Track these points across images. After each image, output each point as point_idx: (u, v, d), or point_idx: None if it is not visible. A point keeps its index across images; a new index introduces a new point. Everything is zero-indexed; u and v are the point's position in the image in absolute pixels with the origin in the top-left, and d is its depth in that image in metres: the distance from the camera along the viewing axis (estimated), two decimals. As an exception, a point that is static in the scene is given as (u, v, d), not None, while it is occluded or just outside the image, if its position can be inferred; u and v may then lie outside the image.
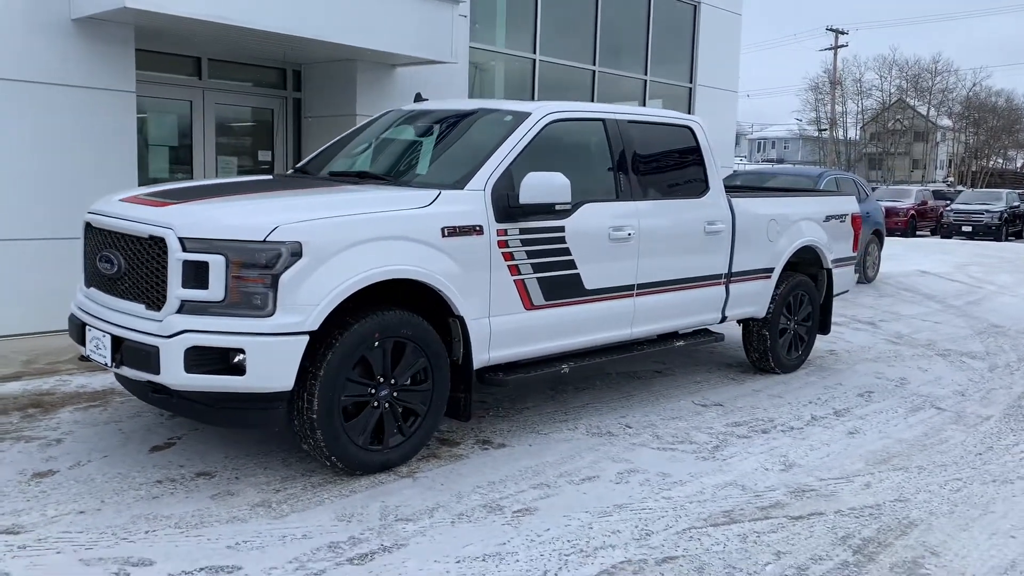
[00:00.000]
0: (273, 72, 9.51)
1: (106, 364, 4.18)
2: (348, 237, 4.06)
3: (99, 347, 4.22)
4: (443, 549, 3.50)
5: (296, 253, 3.89)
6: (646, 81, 15.71)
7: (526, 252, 4.79)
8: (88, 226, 4.52)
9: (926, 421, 5.78)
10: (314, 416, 4.01)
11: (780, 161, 73.81)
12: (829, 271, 7.23)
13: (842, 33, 52.14)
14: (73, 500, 3.84)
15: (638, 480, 4.40)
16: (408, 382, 4.40)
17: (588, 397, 5.96)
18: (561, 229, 4.97)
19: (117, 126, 7.30)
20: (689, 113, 16.76)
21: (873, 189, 37.81)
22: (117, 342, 4.10)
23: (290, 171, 5.86)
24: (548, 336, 5.01)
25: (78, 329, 4.44)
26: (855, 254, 7.67)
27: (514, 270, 4.75)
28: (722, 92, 17.18)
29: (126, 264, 4.17)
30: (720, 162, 6.23)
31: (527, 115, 5.07)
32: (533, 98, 13.54)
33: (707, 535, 3.76)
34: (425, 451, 4.68)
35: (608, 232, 5.23)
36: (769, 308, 6.69)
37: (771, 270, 6.60)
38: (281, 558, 3.36)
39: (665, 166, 5.84)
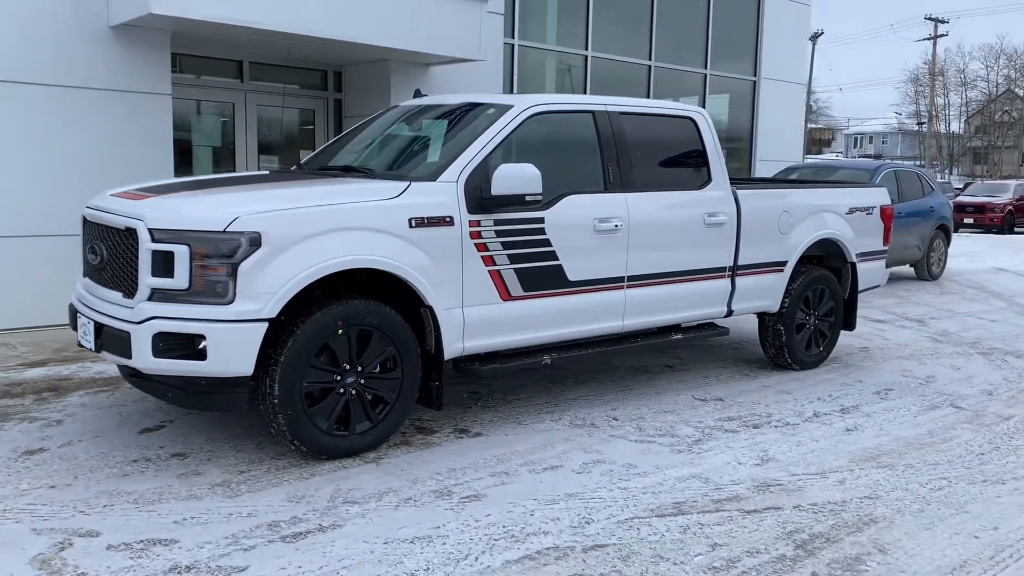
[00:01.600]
0: (315, 74, 9.79)
1: (91, 349, 4.43)
2: (308, 228, 4.19)
3: (86, 333, 4.47)
4: (377, 531, 3.59)
5: (255, 243, 4.04)
6: (706, 75, 15.48)
7: (501, 243, 4.83)
8: (84, 219, 4.79)
9: (937, 420, 5.56)
10: (275, 401, 4.16)
11: (878, 156, 71.23)
12: (853, 265, 7.01)
13: (942, 22, 50.02)
14: (49, 476, 4.09)
15: (600, 471, 4.39)
16: (377, 370, 4.50)
17: (585, 390, 5.95)
18: (540, 221, 4.99)
19: (154, 127, 7.66)
20: (753, 107, 16.50)
21: (966, 184, 36.09)
22: (99, 328, 4.33)
23: (293, 167, 6.05)
24: (528, 327, 5.03)
25: (73, 317, 4.71)
26: (885, 247, 7.41)
27: (488, 261, 4.80)
28: (788, 85, 16.77)
29: (108, 254, 4.42)
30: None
31: (508, 108, 5.11)
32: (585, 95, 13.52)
33: (648, 525, 3.74)
34: (399, 438, 4.78)
35: (593, 224, 5.22)
36: (784, 303, 6.54)
37: (783, 263, 6.44)
38: (219, 534, 3.51)
39: (661, 158, 5.78)
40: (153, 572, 3.18)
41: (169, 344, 4.05)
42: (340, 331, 4.31)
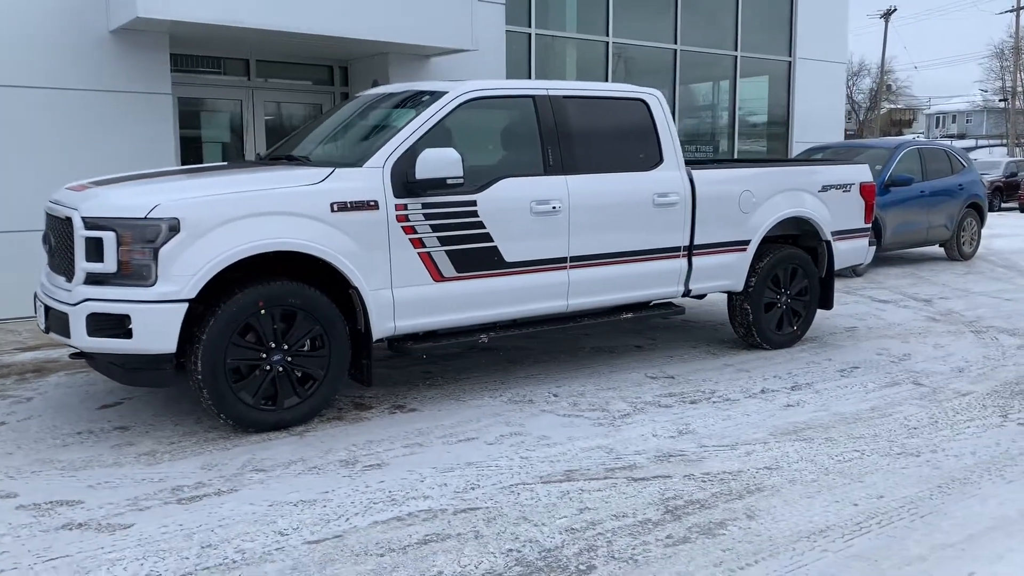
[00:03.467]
0: (322, 69, 10.12)
1: (43, 330, 4.80)
2: (226, 213, 4.45)
3: (39, 316, 4.84)
4: (269, 495, 3.83)
5: (174, 228, 4.32)
6: (736, 57, 15.31)
7: (430, 226, 5.01)
8: (45, 212, 5.16)
9: (888, 396, 5.52)
10: (199, 377, 4.44)
11: (961, 136, 68.49)
12: (828, 244, 6.95)
13: (1024, -7, 47.69)
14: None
15: (512, 442, 4.55)
16: (305, 348, 4.74)
17: (539, 369, 6.09)
18: (472, 204, 5.15)
19: (155, 126, 8.09)
20: (789, 89, 16.21)
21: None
22: (47, 311, 4.70)
23: (254, 157, 6.34)
24: (463, 307, 5.20)
25: (35, 302, 5.09)
26: (867, 225, 7.31)
27: (417, 243, 4.99)
28: (827, 64, 16.43)
29: (55, 243, 4.77)
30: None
31: (442, 94, 5.28)
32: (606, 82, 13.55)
33: (530, 491, 3.88)
34: (334, 413, 5.02)
35: (530, 206, 5.35)
36: (750, 282, 6.54)
37: (746, 243, 6.45)
38: (122, 496, 3.80)
39: (607, 140, 5.86)
40: (47, 528, 3.48)
41: (100, 324, 4.37)
42: (263, 311, 4.56)
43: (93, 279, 4.41)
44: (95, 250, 4.39)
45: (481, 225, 5.19)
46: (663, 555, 3.28)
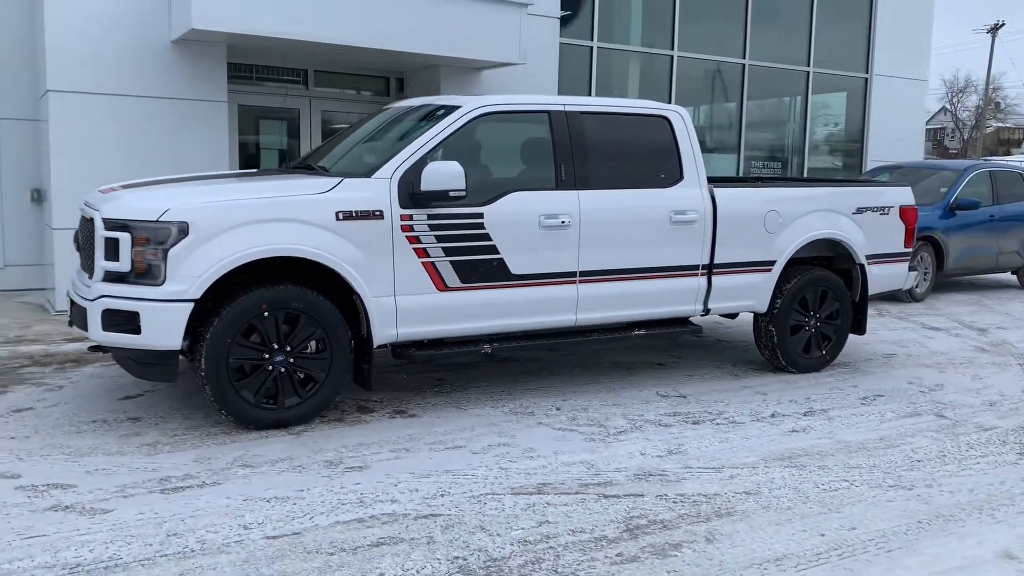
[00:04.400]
0: (379, 81, 10.39)
1: (68, 323, 5.11)
2: (234, 218, 4.66)
3: (68, 310, 5.15)
4: (246, 490, 3.99)
5: (184, 231, 4.56)
6: (808, 73, 15.02)
7: (435, 237, 5.13)
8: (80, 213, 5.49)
9: (904, 427, 5.37)
10: (203, 373, 4.66)
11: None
12: (862, 267, 6.78)
13: None
14: (17, 430, 4.77)
15: (497, 452, 4.61)
16: (308, 350, 4.92)
17: (551, 381, 6.14)
18: (479, 216, 5.25)
19: (212, 132, 8.47)
20: (864, 106, 15.80)
21: None
22: (72, 305, 5.00)
23: (281, 166, 6.57)
24: (467, 317, 5.30)
25: (68, 297, 5.42)
26: (907, 250, 7.09)
27: (421, 253, 5.11)
28: (906, 82, 15.96)
29: (83, 242, 5.08)
30: (699, 154, 5.99)
31: (455, 108, 5.40)
32: (670, 98, 13.51)
33: (497, 501, 3.94)
34: (336, 414, 5.18)
35: (539, 220, 5.41)
36: (775, 303, 6.44)
37: (771, 263, 6.35)
38: (114, 483, 4.02)
39: (625, 156, 5.87)
40: (36, 508, 3.72)
41: (114, 319, 4.63)
42: (266, 313, 4.75)
43: (110, 277, 4.68)
44: (112, 250, 4.66)
45: (487, 237, 5.27)
46: (606, 572, 3.29)
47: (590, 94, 12.63)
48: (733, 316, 6.97)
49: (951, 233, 10.39)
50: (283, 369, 4.86)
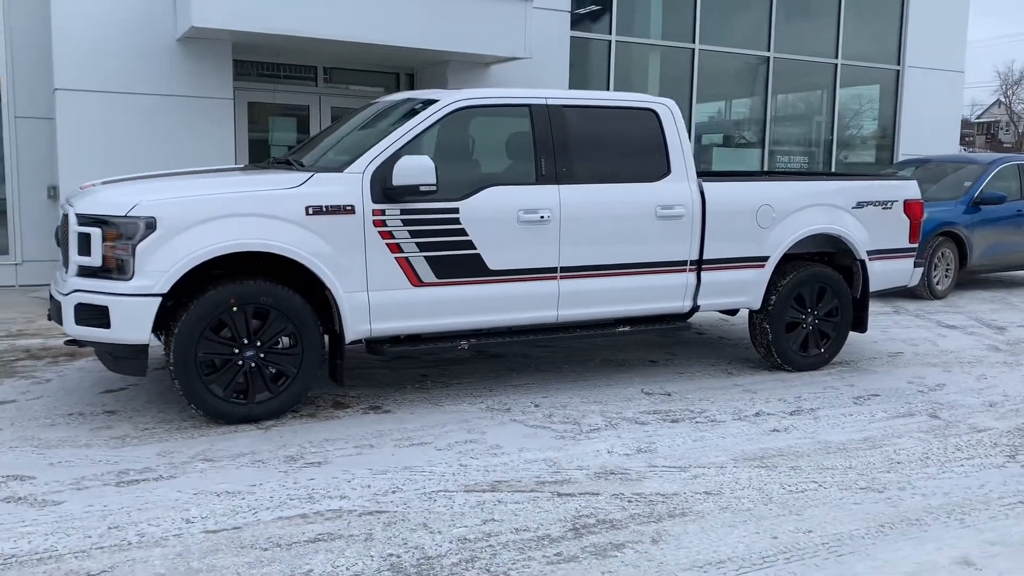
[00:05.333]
0: (389, 76, 10.41)
1: (47, 318, 5.18)
2: (202, 213, 4.68)
3: (48, 306, 5.23)
4: (200, 484, 4.00)
5: (151, 226, 4.59)
6: (836, 65, 14.72)
7: (409, 232, 5.10)
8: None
9: (893, 427, 5.21)
10: (172, 368, 4.69)
11: None
12: (862, 263, 6.60)
13: None
14: (-6, 422, 4.85)
15: (460, 450, 4.57)
16: (280, 346, 4.93)
17: (536, 378, 6.08)
18: (455, 211, 5.21)
19: (216, 129, 8.56)
20: (896, 99, 15.41)
21: None
22: (51, 300, 5.07)
23: (266, 161, 6.60)
24: (443, 313, 5.26)
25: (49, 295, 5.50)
26: (912, 245, 6.89)
27: (395, 248, 5.08)
28: (941, 73, 15.56)
29: (60, 237, 5.14)
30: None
31: (433, 102, 5.36)
32: (691, 91, 13.34)
33: (448, 498, 3.90)
34: (311, 409, 5.18)
35: (517, 214, 5.35)
36: (769, 300, 6.30)
37: (764, 259, 6.21)
38: (72, 475, 4.07)
39: (609, 150, 5.78)
40: (-10, 499, 3.78)
41: (85, 314, 4.68)
42: (235, 308, 4.77)
43: (83, 272, 4.74)
44: (85, 245, 4.71)
45: (463, 232, 5.23)
46: (539, 572, 3.23)
47: (608, 88, 12.52)
48: (733, 313, 6.83)
49: (975, 228, 10.08)
50: (253, 364, 4.87)
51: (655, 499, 3.97)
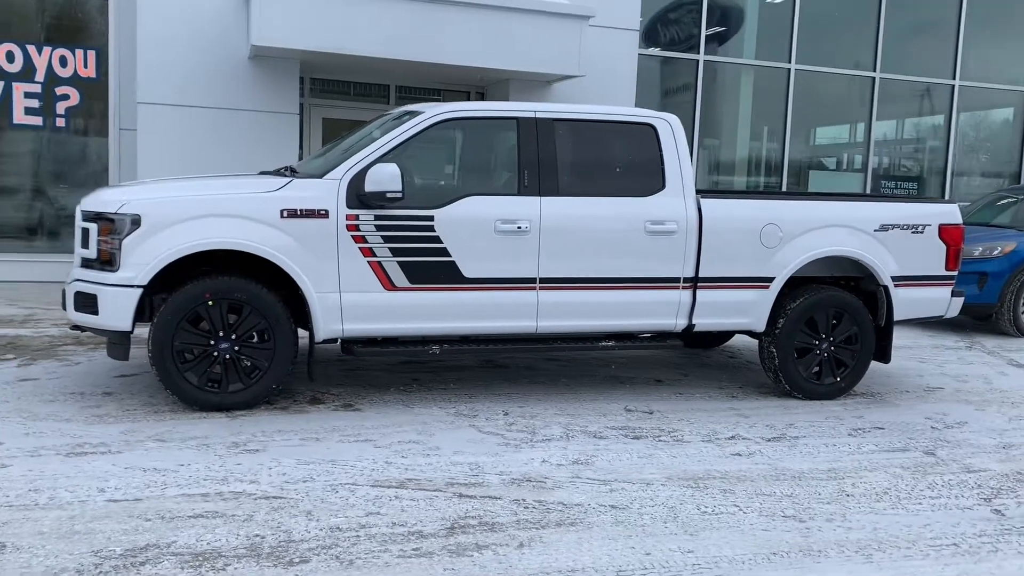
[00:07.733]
0: (460, 95, 10.70)
1: (63, 307, 5.71)
2: (183, 212, 5.05)
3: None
4: (137, 460, 4.31)
5: (136, 223, 5.00)
6: (954, 87, 13.90)
7: (382, 237, 5.30)
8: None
9: (872, 461, 4.93)
10: (150, 355, 5.07)
11: None
12: (886, 289, 6.25)
13: None
14: (2, 398, 5.37)
15: (397, 448, 4.68)
16: (254, 340, 5.22)
17: (526, 389, 6.10)
18: (430, 219, 5.36)
19: (281, 143, 9.09)
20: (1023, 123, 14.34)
21: None
22: (63, 290, 5.60)
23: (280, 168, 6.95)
24: (416, 317, 5.41)
25: (68, 284, 6.04)
26: (950, 272, 6.45)
27: (368, 252, 5.29)
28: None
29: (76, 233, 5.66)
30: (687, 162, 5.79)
31: (417, 114, 5.55)
32: (785, 114, 12.98)
33: (350, 491, 4.03)
34: (286, 402, 5.45)
35: (494, 224, 5.45)
36: (776, 323, 6.08)
37: (769, 279, 6.00)
38: (34, 444, 4.47)
39: (598, 164, 5.78)
40: (-49, 459, 4.23)
41: (81, 301, 5.15)
42: (210, 302, 5.10)
43: (83, 263, 5.22)
44: (84, 238, 5.18)
45: (438, 240, 5.37)
46: (383, 563, 3.31)
47: (694, 108, 12.36)
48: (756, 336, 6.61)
49: (1074, 262, 9.24)
50: (228, 356, 5.17)
51: (553, 507, 3.95)
